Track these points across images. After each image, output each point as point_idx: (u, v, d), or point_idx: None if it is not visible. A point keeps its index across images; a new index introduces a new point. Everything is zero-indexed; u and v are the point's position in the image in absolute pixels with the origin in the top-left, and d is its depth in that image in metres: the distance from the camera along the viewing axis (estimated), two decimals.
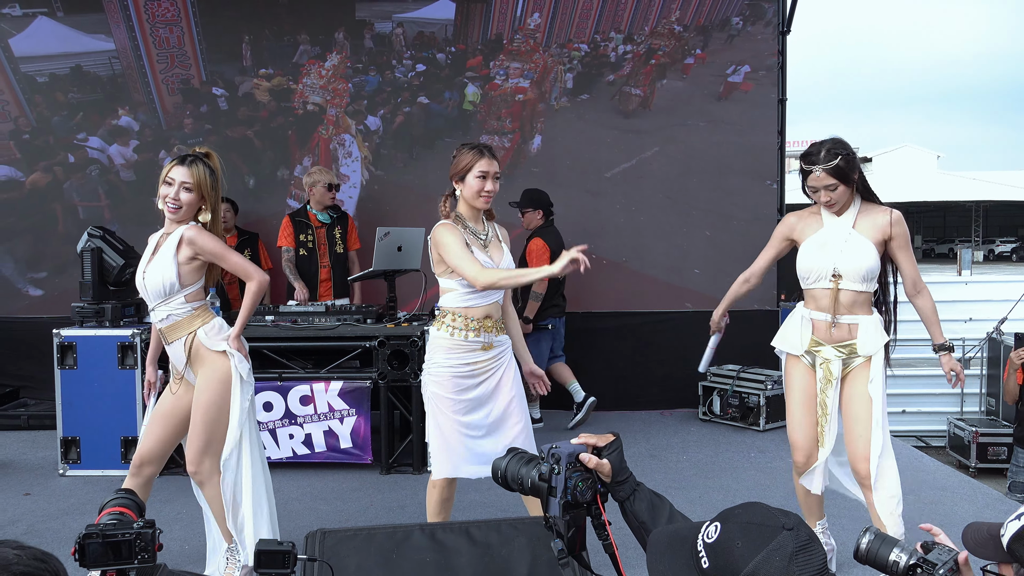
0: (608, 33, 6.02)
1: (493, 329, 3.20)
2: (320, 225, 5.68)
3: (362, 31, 5.56)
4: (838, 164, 3.09)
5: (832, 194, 3.14)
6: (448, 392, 3.17)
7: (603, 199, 6.57)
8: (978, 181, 36.00)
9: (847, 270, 3.16)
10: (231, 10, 5.08)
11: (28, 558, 1.18)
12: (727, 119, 6.51)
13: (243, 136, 5.72)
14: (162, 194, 3.14)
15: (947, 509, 4.28)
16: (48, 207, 5.68)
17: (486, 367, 3.20)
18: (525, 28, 5.81)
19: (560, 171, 6.35)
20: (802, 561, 1.30)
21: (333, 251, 5.68)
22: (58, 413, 4.91)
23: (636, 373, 6.58)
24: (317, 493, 4.62)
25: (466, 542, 2.05)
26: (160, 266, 3.14)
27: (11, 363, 6.38)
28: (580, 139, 6.33)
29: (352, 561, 2.00)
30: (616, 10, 5.99)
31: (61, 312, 5.52)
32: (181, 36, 5.00)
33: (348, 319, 5.03)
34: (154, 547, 1.64)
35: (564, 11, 5.84)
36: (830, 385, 3.25)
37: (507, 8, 5.57)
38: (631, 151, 6.39)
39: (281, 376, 4.90)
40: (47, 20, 4.85)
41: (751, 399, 5.99)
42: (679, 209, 6.65)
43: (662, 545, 1.47)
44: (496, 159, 3.22)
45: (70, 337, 4.88)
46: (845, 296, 3.19)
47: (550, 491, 1.69)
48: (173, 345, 3.22)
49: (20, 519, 4.23)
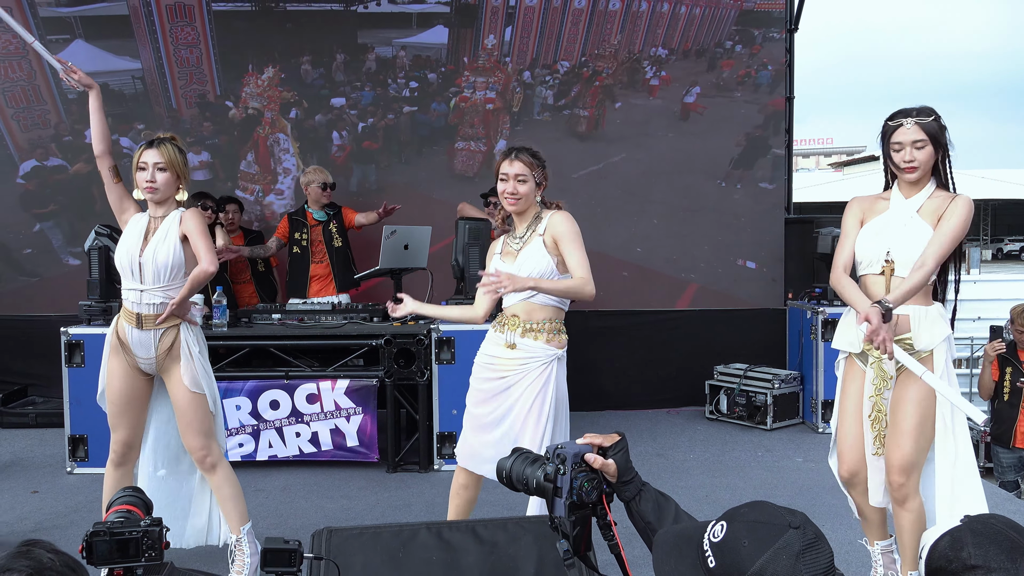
0: (593, 52, 6.50)
1: (518, 328, 3.08)
2: (316, 223, 5.74)
3: (363, 54, 6.17)
4: (932, 120, 2.85)
5: (917, 153, 2.85)
6: (472, 377, 3.22)
7: (608, 201, 6.59)
8: (986, 179, 35.79)
9: (901, 256, 2.88)
10: (243, 34, 5.78)
11: (60, 564, 1.19)
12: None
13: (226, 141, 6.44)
14: (138, 180, 3.20)
15: None
16: (87, 191, 6.20)
17: (506, 368, 3.10)
18: (495, 48, 6.34)
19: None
20: (809, 560, 1.29)
21: (331, 246, 5.74)
22: (66, 411, 4.93)
23: (643, 372, 6.57)
24: (323, 491, 4.62)
25: (473, 541, 2.05)
26: (166, 247, 3.18)
27: (19, 361, 6.41)
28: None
29: (358, 560, 2.00)
30: (601, 34, 6.46)
31: (69, 310, 5.55)
32: (199, 56, 5.70)
33: (354, 317, 5.04)
34: (161, 545, 1.65)
35: (550, 33, 6.35)
36: (886, 385, 2.95)
37: (495, 33, 6.15)
38: (601, 156, 6.59)
39: (288, 374, 4.91)
40: (83, 43, 5.52)
41: (758, 398, 5.98)
42: (685, 206, 6.65)
43: (668, 545, 1.46)
44: (522, 161, 3.06)
45: (78, 335, 4.90)
46: (897, 284, 2.85)
47: (555, 491, 1.68)
48: (145, 333, 3.21)
49: (28, 516, 4.25)
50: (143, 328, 3.22)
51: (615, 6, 6.37)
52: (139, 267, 3.19)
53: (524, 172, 3.07)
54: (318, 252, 5.73)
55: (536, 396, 3.03)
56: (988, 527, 1.37)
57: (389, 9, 6.12)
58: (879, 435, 2.96)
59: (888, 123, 2.94)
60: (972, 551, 1.34)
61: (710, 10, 6.53)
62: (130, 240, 3.22)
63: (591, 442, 1.74)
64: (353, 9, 6.09)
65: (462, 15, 6.16)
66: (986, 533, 1.36)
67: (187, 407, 3.24)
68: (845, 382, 3.08)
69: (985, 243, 37.23)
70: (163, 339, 3.22)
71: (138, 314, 3.22)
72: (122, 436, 3.32)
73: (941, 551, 1.38)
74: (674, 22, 6.50)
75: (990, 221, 40.10)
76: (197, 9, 5.60)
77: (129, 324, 3.24)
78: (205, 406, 3.26)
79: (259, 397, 4.86)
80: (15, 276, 6.45)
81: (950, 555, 1.36)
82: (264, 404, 4.86)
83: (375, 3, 6.05)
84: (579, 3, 6.34)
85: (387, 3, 6.06)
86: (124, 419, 3.32)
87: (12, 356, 6.41)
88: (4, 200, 6.37)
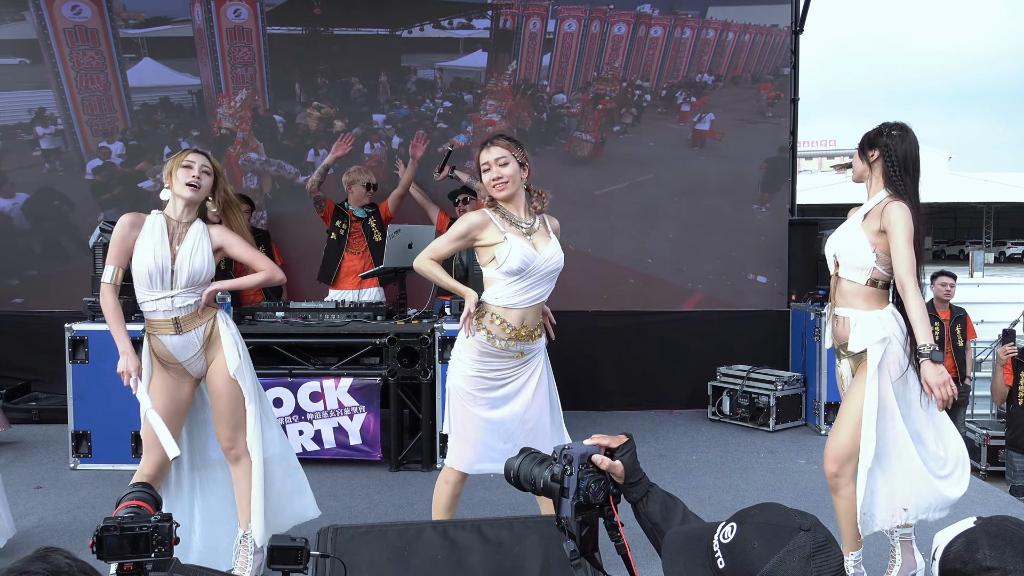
0: (633, 80, 6.71)
1: (528, 337, 3.10)
2: (356, 219, 5.83)
3: (405, 76, 6.59)
4: (868, 133, 3.14)
5: (853, 160, 3.19)
6: (471, 389, 3.12)
7: (626, 216, 6.63)
8: (989, 182, 35.80)
9: (845, 257, 3.11)
10: (293, 55, 6.33)
11: (77, 570, 1.20)
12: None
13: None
14: (180, 177, 3.16)
15: (959, 512, 4.24)
16: (141, 192, 6.53)
17: (513, 372, 3.13)
18: (514, 73, 6.61)
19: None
20: (819, 562, 1.29)
21: (371, 241, 5.82)
22: (69, 407, 4.94)
23: (646, 372, 6.57)
24: (327, 489, 4.62)
25: (478, 540, 2.05)
26: (201, 255, 3.19)
27: (23, 357, 6.42)
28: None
29: (364, 558, 2.00)
30: (643, 60, 6.68)
31: (73, 307, 5.56)
32: (253, 74, 6.26)
33: (358, 316, 5.04)
34: (171, 540, 1.65)
35: (589, 59, 6.62)
36: (843, 389, 3.22)
37: (533, 57, 6.52)
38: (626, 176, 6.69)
39: (291, 372, 4.91)
40: (149, 60, 6.11)
41: (761, 399, 5.98)
42: (702, 224, 6.65)
43: (678, 546, 1.46)
44: (499, 146, 3.10)
45: (81, 331, 4.91)
46: (844, 285, 3.12)
47: (562, 492, 1.68)
48: (187, 335, 3.20)
49: (32, 512, 4.25)
50: (183, 332, 3.20)
51: (657, 33, 6.61)
52: (172, 274, 3.15)
53: (503, 154, 3.08)
54: (357, 243, 5.83)
55: (539, 383, 3.18)
56: (1003, 529, 1.37)
57: (433, 34, 6.52)
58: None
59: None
60: (988, 552, 1.34)
61: (760, 37, 6.66)
62: (155, 247, 3.14)
63: (598, 443, 1.74)
64: (398, 34, 6.51)
65: (500, 40, 6.53)
66: (1001, 535, 1.36)
67: (224, 394, 3.25)
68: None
69: (988, 246, 37.19)
70: (207, 331, 3.24)
71: (175, 319, 3.19)
72: (156, 457, 3.17)
73: (956, 553, 1.38)
74: (720, 48, 6.66)
75: (993, 224, 40.06)
76: (254, 32, 6.19)
77: (165, 333, 3.19)
78: (239, 397, 3.26)
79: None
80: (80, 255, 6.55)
81: (965, 556, 1.36)
82: (268, 401, 4.86)
83: (418, 28, 6.48)
84: (619, 29, 6.61)
85: (430, 28, 6.48)
86: (168, 428, 3.17)
87: (16, 352, 6.41)
88: (77, 192, 6.55)
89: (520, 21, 6.52)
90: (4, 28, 6.18)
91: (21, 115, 6.14)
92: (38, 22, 5.95)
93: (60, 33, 5.87)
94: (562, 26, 6.57)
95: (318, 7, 6.21)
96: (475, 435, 3.14)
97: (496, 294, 3.07)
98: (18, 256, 6.54)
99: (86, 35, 5.92)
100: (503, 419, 3.14)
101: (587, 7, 6.55)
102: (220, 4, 6.24)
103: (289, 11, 6.23)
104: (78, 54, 6.10)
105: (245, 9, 6.15)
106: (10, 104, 6.20)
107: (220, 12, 6.20)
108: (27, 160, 6.48)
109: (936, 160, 39.07)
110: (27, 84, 6.27)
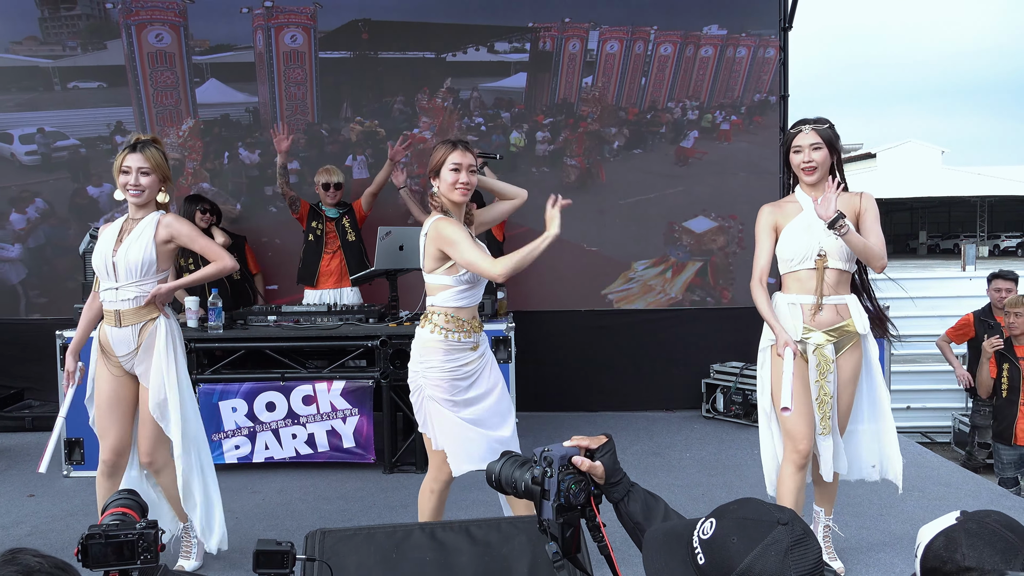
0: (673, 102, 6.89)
1: (479, 329, 3.22)
2: (328, 219, 5.82)
3: (445, 96, 6.89)
4: (827, 128, 3.27)
5: (814, 155, 3.24)
6: (448, 395, 3.15)
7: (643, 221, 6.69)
8: (983, 176, 35.87)
9: (832, 249, 3.22)
10: (342, 76, 6.82)
11: (49, 566, 1.20)
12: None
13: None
14: (121, 183, 3.27)
15: (952, 505, 4.24)
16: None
17: (476, 367, 3.20)
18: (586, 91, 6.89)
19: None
20: (797, 556, 1.30)
21: (344, 240, 5.82)
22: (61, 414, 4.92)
23: (639, 370, 6.57)
24: (320, 493, 4.63)
25: (466, 541, 2.06)
26: (139, 246, 3.25)
27: (15, 365, 6.40)
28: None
29: (352, 561, 2.00)
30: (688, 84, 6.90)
31: (64, 314, 5.55)
32: (305, 93, 6.80)
33: (350, 319, 5.05)
34: (157, 547, 1.66)
35: (632, 80, 6.88)
36: (829, 370, 3.26)
37: (572, 77, 6.84)
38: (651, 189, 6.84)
39: (283, 376, 4.91)
40: (213, 81, 6.74)
41: (754, 396, 5.98)
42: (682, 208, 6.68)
43: (658, 542, 1.47)
44: (471, 152, 3.13)
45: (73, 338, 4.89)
46: (831, 276, 3.24)
47: (543, 494, 1.68)
48: (123, 330, 3.28)
49: (24, 520, 4.25)
50: (121, 325, 3.28)
51: (707, 52, 6.83)
52: (112, 266, 3.26)
53: (475, 164, 3.14)
54: (331, 243, 5.83)
55: (493, 368, 3.29)
56: (983, 527, 1.37)
57: (478, 58, 6.88)
58: (824, 416, 3.28)
59: (789, 130, 3.36)
60: (966, 552, 1.35)
61: (749, 51, 6.80)
62: (104, 242, 3.31)
63: (578, 444, 1.74)
64: (443, 57, 6.84)
65: (538, 61, 6.84)
66: (981, 533, 1.36)
67: (148, 419, 3.34)
68: (786, 367, 3.18)
69: (982, 239, 37.28)
70: (141, 332, 3.29)
71: (116, 311, 3.28)
72: (111, 442, 3.37)
73: (936, 551, 1.38)
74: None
75: (987, 217, 40.16)
76: (307, 55, 6.78)
77: (109, 324, 3.31)
78: (164, 416, 3.32)
79: (255, 399, 4.87)
80: None
81: (944, 556, 1.37)
82: (260, 406, 4.87)
83: (462, 52, 6.85)
84: (665, 50, 6.86)
85: (473, 52, 6.87)
86: (111, 423, 3.37)
87: (8, 360, 6.40)
88: None
89: (560, 43, 6.89)
90: (88, 56, 6.74)
91: (100, 129, 6.78)
92: (128, 48, 6.65)
93: (144, 57, 6.65)
94: (604, 47, 6.89)
95: (366, 33, 6.76)
96: (473, 433, 3.19)
97: (448, 299, 3.13)
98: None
99: (165, 58, 6.70)
100: (481, 416, 3.19)
101: (629, 28, 6.83)
102: (279, 31, 6.78)
103: (340, 37, 6.79)
104: (157, 74, 6.78)
105: (301, 35, 6.78)
106: (91, 119, 6.86)
107: (279, 38, 6.80)
108: (107, 167, 6.87)
109: (930, 155, 39.11)
110: (104, 103, 6.89)
